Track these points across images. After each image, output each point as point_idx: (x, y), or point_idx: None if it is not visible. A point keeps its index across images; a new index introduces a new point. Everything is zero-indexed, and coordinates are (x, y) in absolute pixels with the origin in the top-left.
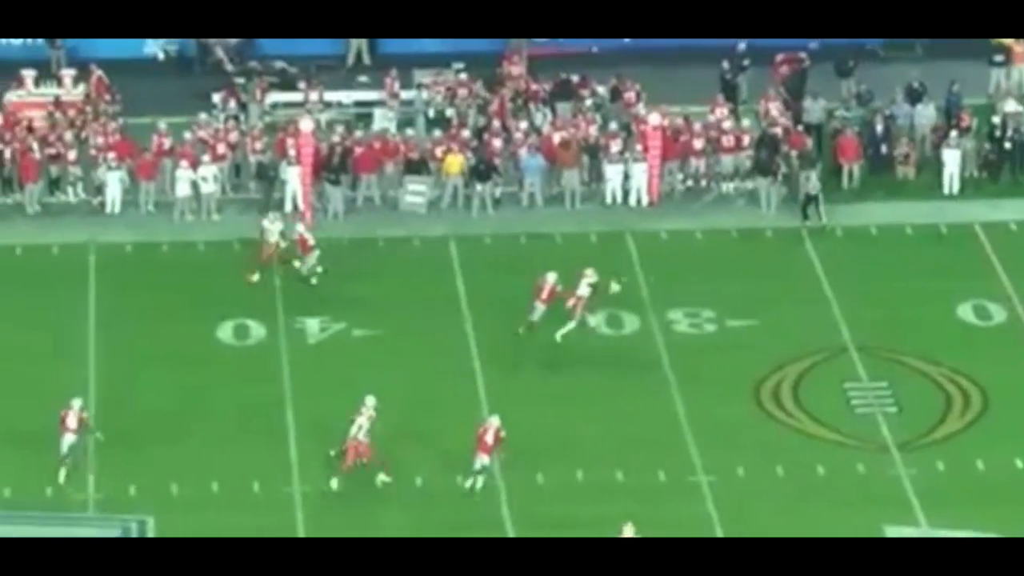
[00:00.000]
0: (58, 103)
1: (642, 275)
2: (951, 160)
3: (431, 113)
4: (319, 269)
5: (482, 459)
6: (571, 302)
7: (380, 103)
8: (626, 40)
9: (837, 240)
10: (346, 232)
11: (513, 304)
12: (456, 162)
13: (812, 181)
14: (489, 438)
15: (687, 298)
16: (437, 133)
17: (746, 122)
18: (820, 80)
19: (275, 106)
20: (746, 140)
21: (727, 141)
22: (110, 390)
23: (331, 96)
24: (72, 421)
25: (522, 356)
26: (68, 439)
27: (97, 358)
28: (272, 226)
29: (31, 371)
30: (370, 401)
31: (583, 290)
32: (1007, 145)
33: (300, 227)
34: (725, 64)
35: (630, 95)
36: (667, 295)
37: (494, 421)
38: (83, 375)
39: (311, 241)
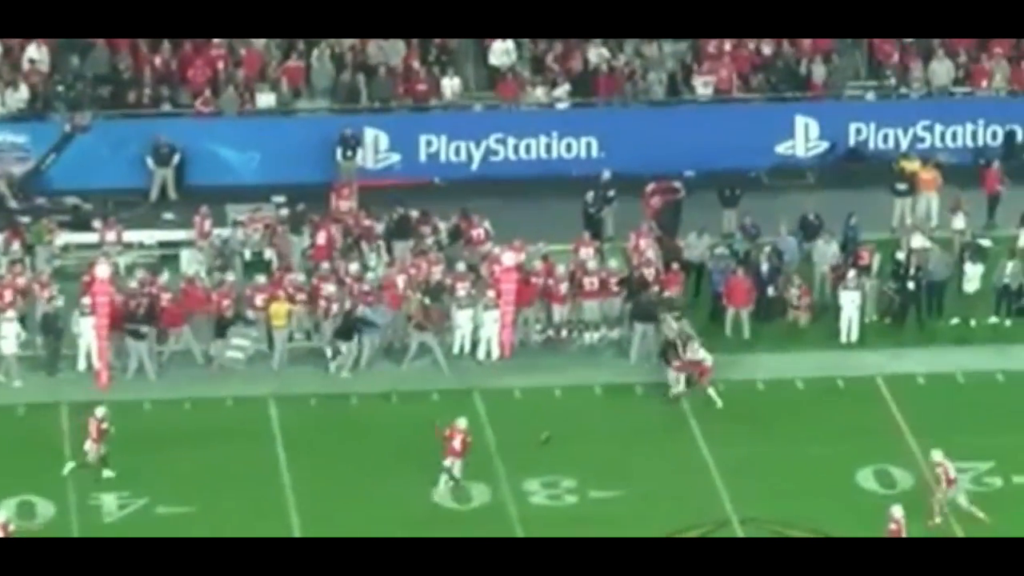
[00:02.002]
0: None
1: (494, 439)
2: (849, 303)
3: (248, 255)
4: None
5: (453, 462)
6: None
7: (188, 243)
8: (473, 169)
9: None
10: (150, 394)
11: (337, 471)
12: (283, 311)
13: (668, 323)
14: (457, 444)
15: (544, 465)
16: (260, 278)
17: (613, 262)
18: (698, 212)
19: (66, 248)
20: (612, 282)
21: (590, 284)
22: None
23: (131, 236)
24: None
25: (351, 527)
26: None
27: None
28: None
29: None
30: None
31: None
32: (911, 285)
33: (99, 412)
34: (589, 196)
35: (478, 232)
36: (522, 462)
37: (460, 424)
38: None
39: (105, 427)
